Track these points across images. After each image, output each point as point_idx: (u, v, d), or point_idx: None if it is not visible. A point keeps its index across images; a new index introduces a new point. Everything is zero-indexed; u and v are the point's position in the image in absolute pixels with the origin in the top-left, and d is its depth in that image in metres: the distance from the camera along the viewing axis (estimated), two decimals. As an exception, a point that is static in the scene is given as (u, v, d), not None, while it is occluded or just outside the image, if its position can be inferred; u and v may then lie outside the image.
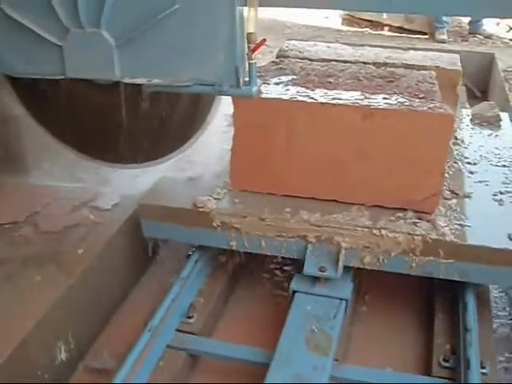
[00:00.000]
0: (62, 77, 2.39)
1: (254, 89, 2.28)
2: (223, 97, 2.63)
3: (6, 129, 3.09)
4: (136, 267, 2.93)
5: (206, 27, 2.17)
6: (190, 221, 2.60)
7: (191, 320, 2.52)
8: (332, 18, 7.24)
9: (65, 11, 2.24)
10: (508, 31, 6.76)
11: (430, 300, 2.74)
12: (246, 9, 2.15)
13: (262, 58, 3.84)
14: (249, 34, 2.16)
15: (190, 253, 2.80)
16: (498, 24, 6.88)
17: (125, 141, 2.89)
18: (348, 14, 7.07)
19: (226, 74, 2.23)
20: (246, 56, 2.21)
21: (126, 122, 2.79)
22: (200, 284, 2.72)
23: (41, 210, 2.87)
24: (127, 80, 2.34)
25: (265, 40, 2.27)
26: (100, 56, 2.29)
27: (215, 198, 2.63)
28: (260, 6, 2.13)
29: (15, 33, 2.34)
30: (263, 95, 2.52)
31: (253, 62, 2.22)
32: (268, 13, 6.42)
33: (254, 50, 2.18)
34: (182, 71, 2.28)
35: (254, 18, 2.14)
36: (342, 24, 7.15)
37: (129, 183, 3.04)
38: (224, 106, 2.78)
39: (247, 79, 2.25)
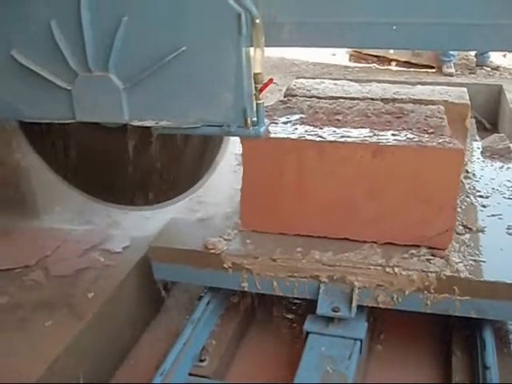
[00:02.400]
0: (72, 121, 2.41)
1: (262, 129, 2.28)
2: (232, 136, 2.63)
3: (16, 172, 3.10)
4: (148, 310, 2.90)
5: (212, 68, 2.19)
6: (200, 262, 2.58)
7: (204, 363, 2.49)
8: (339, 55, 7.29)
9: (73, 56, 2.27)
10: (515, 62, 6.79)
11: (446, 337, 2.69)
12: (252, 49, 2.16)
13: (271, 97, 3.86)
14: (256, 74, 2.17)
15: (202, 294, 2.77)
16: (504, 56, 6.90)
17: (135, 183, 2.89)
18: (355, 51, 7.12)
19: (234, 115, 2.24)
20: (254, 96, 2.21)
21: (136, 164, 2.79)
22: (212, 326, 2.69)
23: (51, 253, 2.86)
24: (136, 123, 2.36)
25: (272, 79, 2.28)
26: (108, 99, 2.31)
27: (226, 239, 2.61)
28: (266, 45, 2.14)
29: (24, 78, 2.37)
30: (272, 135, 2.53)
31: (260, 101, 2.22)
32: (275, 51, 6.47)
33: (261, 90, 2.19)
34: (189, 113, 2.29)
35: (260, 57, 2.15)
36: (350, 60, 7.20)
37: (139, 225, 3.02)
38: (233, 145, 2.78)
39: (255, 119, 2.26)
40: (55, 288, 2.61)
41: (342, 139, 2.49)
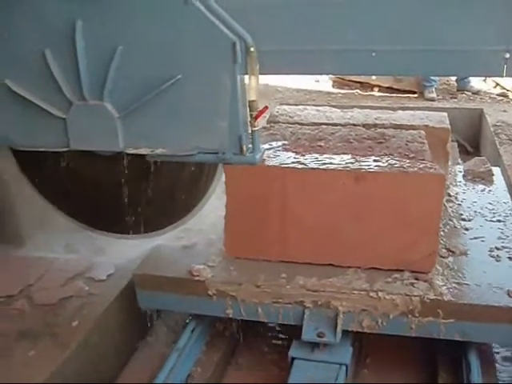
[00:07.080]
0: (66, 149, 2.41)
1: (258, 155, 2.30)
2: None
3: (1, 200, 3.09)
4: (132, 338, 2.89)
5: (208, 96, 2.21)
6: (185, 290, 2.57)
7: (190, 391, 2.48)
8: (322, 81, 7.34)
9: (68, 85, 2.29)
10: (495, 87, 6.87)
11: (432, 359, 2.70)
12: (247, 77, 2.18)
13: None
14: (251, 101, 2.20)
15: (187, 321, 2.76)
16: (484, 80, 6.99)
17: (129, 212, 2.87)
18: (338, 77, 7.15)
19: (230, 142, 2.26)
20: (249, 123, 2.23)
21: (129, 193, 2.78)
22: (197, 353, 2.68)
23: (35, 282, 2.85)
24: (131, 151, 2.36)
25: (267, 107, 2.30)
26: (103, 127, 2.32)
27: (210, 266, 2.60)
28: (260, 73, 2.17)
29: (18, 107, 2.38)
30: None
31: (256, 128, 2.24)
32: (260, 78, 6.48)
33: (256, 117, 2.21)
34: (185, 140, 2.30)
35: (255, 85, 2.18)
36: (333, 86, 7.24)
37: (123, 252, 3.01)
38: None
39: (250, 146, 2.27)
40: (39, 317, 2.59)
41: (324, 166, 2.50)
